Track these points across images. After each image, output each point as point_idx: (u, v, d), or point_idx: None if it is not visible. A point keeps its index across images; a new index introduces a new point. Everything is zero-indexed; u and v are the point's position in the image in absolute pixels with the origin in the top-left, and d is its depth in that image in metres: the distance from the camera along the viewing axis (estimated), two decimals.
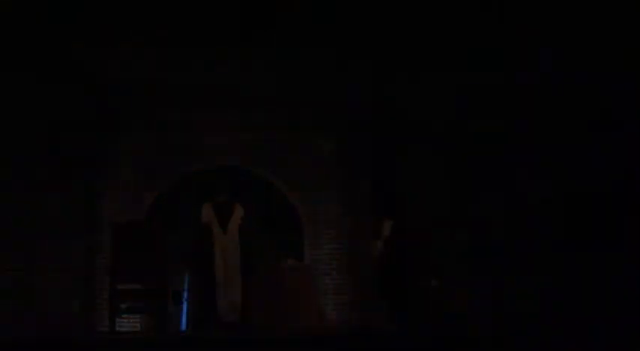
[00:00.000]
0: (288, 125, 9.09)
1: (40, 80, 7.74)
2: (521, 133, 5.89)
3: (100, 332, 7.94)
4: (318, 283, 8.59)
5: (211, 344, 5.52)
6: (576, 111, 5.33)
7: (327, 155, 9.14)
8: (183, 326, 8.59)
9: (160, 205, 9.09)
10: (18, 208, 7.70)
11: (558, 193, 5.36)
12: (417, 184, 7.77)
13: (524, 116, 5.85)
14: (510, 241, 5.94)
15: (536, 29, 5.73)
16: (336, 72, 8.44)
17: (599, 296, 4.88)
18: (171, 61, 8.32)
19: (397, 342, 5.53)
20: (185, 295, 8.55)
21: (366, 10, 7.29)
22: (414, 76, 7.75)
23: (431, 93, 7.44)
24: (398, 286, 7.26)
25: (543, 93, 5.58)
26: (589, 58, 5.25)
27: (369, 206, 8.67)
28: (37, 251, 7.82)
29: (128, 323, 8.31)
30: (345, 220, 9.01)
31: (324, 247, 9.08)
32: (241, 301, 7.38)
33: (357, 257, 8.72)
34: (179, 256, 8.03)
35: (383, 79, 8.35)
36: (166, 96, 8.79)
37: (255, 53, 8.18)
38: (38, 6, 6.98)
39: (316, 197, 9.13)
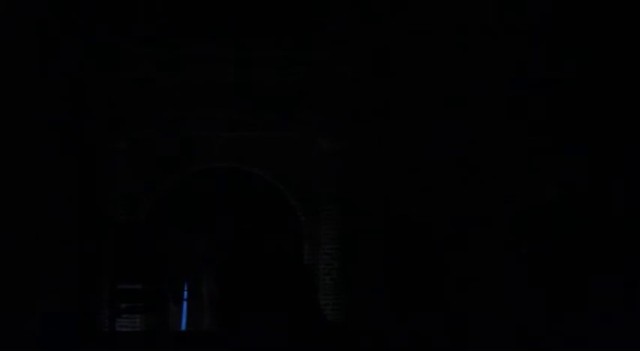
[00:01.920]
0: (288, 125, 9.09)
1: (39, 79, 7.74)
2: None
3: (100, 332, 7.94)
4: (318, 283, 8.60)
5: (211, 343, 5.53)
6: None
7: (327, 155, 9.14)
8: (183, 326, 8.60)
9: (160, 205, 9.09)
10: (17, 208, 7.69)
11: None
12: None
13: None
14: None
15: None
16: (336, 72, 8.45)
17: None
18: (172, 61, 8.32)
19: (397, 342, 5.53)
20: (185, 295, 8.56)
21: (364, 11, 7.30)
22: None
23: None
24: (400, 285, 7.26)
25: None
26: None
27: (368, 205, 8.67)
28: (36, 250, 7.81)
29: (128, 323, 8.31)
30: (345, 219, 9.00)
31: (324, 247, 9.08)
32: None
33: (356, 257, 8.71)
34: (179, 257, 8.04)
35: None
36: (167, 96, 8.79)
37: (255, 52, 8.19)
38: (38, 6, 6.98)
39: (316, 197, 9.13)
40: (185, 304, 8.62)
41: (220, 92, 8.77)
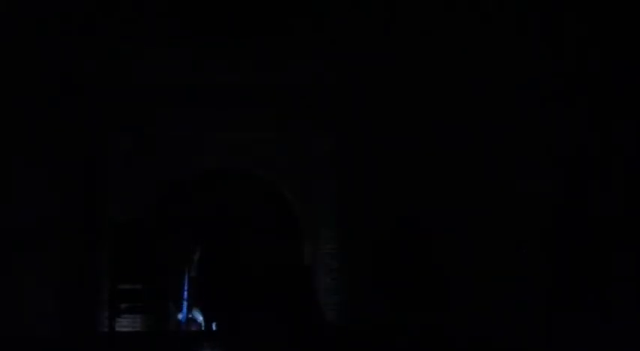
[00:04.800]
0: (287, 125, 9.09)
1: (39, 79, 7.74)
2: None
3: (100, 332, 7.94)
4: (318, 283, 8.59)
5: (210, 344, 5.53)
6: None
7: (327, 155, 9.14)
8: (184, 319, 8.60)
9: (160, 204, 9.09)
10: (17, 208, 7.70)
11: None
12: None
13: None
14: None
15: None
16: (336, 72, 8.45)
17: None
18: (172, 61, 8.32)
19: (397, 341, 5.53)
20: (185, 295, 8.56)
21: (362, 12, 7.29)
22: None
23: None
24: (399, 284, 7.26)
25: None
26: None
27: (368, 205, 8.67)
28: (36, 250, 7.82)
29: (128, 323, 8.31)
30: (344, 219, 9.00)
31: (324, 247, 9.08)
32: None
33: (356, 257, 8.72)
34: (179, 256, 8.04)
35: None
36: (167, 96, 8.79)
37: (255, 52, 8.19)
38: (37, 8, 6.98)
39: (316, 197, 9.13)
40: (185, 304, 8.61)
41: (221, 92, 8.77)
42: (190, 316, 8.43)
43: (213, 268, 7.70)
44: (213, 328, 7.42)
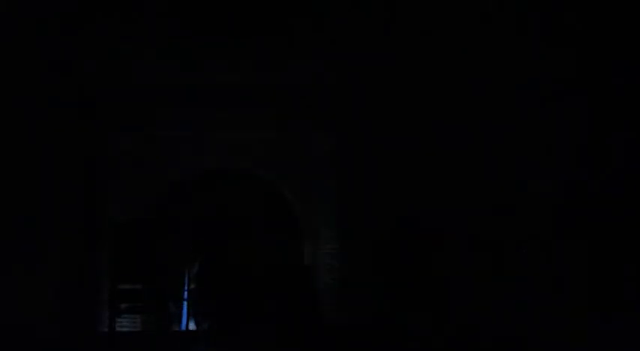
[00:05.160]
0: (287, 125, 9.10)
1: (40, 79, 7.74)
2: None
3: (100, 332, 7.94)
4: (318, 283, 8.60)
5: (211, 343, 5.53)
6: None
7: (327, 155, 9.14)
8: (183, 326, 8.60)
9: (160, 205, 9.09)
10: (17, 208, 7.69)
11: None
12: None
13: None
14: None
15: None
16: (335, 72, 8.45)
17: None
18: (172, 61, 8.32)
19: (397, 341, 5.53)
20: (185, 294, 8.56)
21: (362, 12, 7.29)
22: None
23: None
24: (399, 284, 7.26)
25: None
26: None
27: (368, 205, 8.68)
28: (36, 250, 7.82)
29: (128, 323, 8.31)
30: (344, 219, 9.01)
31: (324, 247, 9.09)
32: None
33: (356, 257, 8.72)
34: (179, 256, 8.04)
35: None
36: (167, 96, 8.80)
37: (255, 52, 8.19)
38: (37, 8, 6.98)
39: (315, 196, 9.14)
40: (185, 304, 8.62)
41: (221, 92, 8.78)
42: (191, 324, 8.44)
43: (212, 273, 7.71)
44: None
